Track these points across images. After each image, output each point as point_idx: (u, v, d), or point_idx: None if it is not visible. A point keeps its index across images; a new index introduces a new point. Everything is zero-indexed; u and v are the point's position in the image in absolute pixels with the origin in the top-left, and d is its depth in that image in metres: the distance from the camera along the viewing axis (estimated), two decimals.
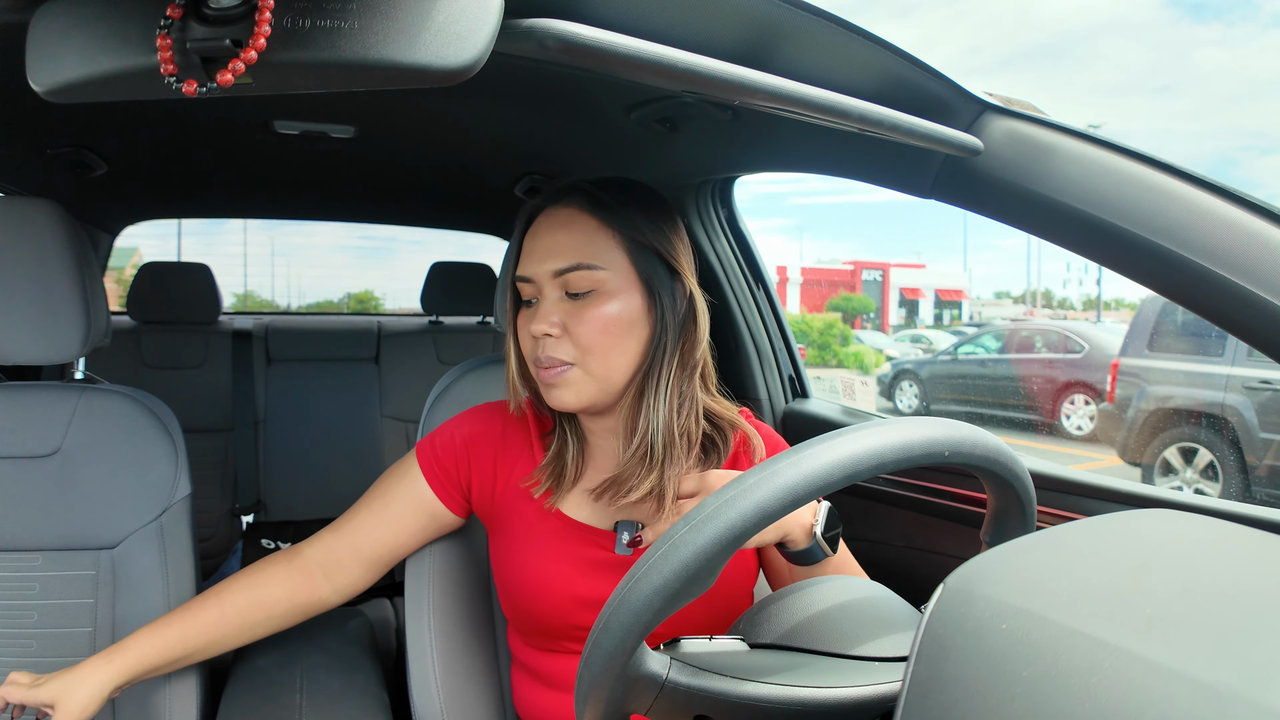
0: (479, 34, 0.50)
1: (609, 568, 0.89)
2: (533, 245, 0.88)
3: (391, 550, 0.96)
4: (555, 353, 0.85)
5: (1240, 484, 4.50)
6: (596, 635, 0.49)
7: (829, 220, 64.76)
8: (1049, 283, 32.88)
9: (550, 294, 0.86)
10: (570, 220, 0.86)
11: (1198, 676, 0.34)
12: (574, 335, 0.84)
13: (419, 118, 1.35)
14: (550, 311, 0.85)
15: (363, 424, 2.39)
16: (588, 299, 0.85)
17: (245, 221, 11.78)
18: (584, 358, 0.85)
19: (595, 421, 0.93)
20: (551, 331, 0.84)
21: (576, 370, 0.85)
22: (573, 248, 0.85)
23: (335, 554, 0.96)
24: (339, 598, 0.98)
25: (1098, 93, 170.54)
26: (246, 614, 0.93)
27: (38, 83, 0.50)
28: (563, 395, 0.86)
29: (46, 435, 1.05)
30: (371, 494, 0.97)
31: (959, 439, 0.53)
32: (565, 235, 0.86)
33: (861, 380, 1.94)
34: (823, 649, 0.55)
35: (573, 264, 0.84)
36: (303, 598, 0.95)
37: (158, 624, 0.91)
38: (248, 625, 0.94)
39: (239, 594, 0.94)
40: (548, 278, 0.85)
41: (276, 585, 0.95)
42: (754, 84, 0.67)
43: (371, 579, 0.98)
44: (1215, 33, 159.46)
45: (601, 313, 0.84)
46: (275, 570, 0.96)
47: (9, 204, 1.05)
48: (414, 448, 0.98)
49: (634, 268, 0.86)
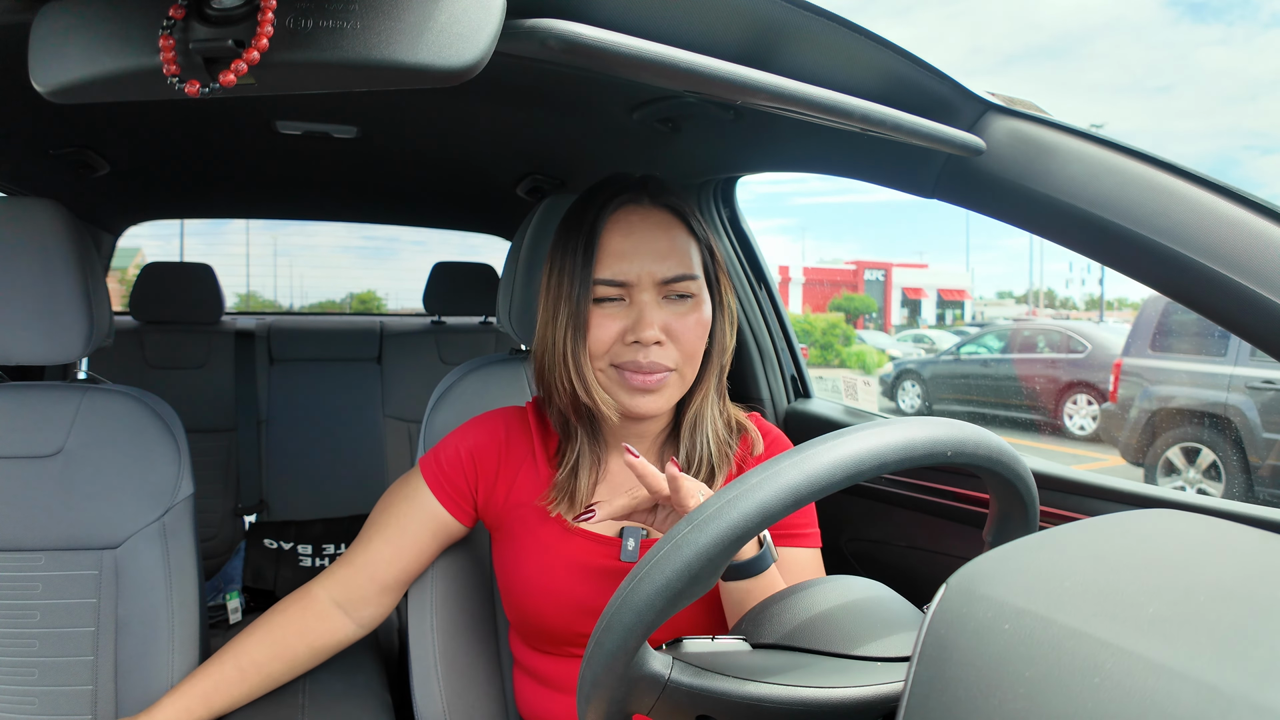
0: (481, 34, 0.51)
1: (614, 575, 0.88)
2: (629, 245, 0.84)
3: (409, 573, 0.96)
4: (662, 359, 0.84)
5: (1243, 484, 4.49)
6: (599, 635, 0.49)
7: (831, 220, 64.75)
8: (1052, 282, 32.88)
9: (650, 298, 0.84)
10: (668, 225, 0.86)
11: (1200, 677, 0.33)
12: (679, 342, 0.84)
13: (421, 118, 1.35)
14: (656, 318, 0.83)
15: (365, 424, 2.40)
16: (688, 305, 0.85)
17: (248, 222, 11.78)
18: (683, 364, 0.85)
19: (632, 427, 0.92)
20: (661, 338, 0.83)
21: (674, 376, 0.85)
22: (678, 254, 0.85)
23: (355, 590, 0.94)
24: (363, 631, 0.97)
25: (1098, 92, 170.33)
26: (266, 666, 0.93)
27: (40, 83, 0.50)
28: (656, 402, 0.85)
29: (49, 435, 1.05)
30: (382, 521, 0.95)
31: (962, 439, 0.53)
32: (668, 241, 0.85)
33: (864, 380, 1.94)
34: (825, 649, 0.55)
35: (681, 273, 0.84)
36: (323, 641, 0.95)
37: (180, 689, 0.92)
38: (270, 676, 0.94)
39: (255, 649, 0.93)
40: (651, 283, 0.84)
41: (294, 635, 0.94)
42: (756, 84, 0.67)
43: (394, 605, 0.98)
44: (1215, 32, 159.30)
45: (700, 318, 0.86)
46: (290, 618, 0.94)
47: (12, 204, 1.05)
48: (416, 465, 0.97)
49: (704, 275, 0.89)
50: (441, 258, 2.48)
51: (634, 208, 0.87)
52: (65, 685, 1.00)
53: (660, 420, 0.93)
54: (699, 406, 0.91)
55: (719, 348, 0.91)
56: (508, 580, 0.93)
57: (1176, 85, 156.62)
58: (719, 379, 0.93)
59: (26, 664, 0.99)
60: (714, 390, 0.92)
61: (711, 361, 0.91)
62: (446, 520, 0.94)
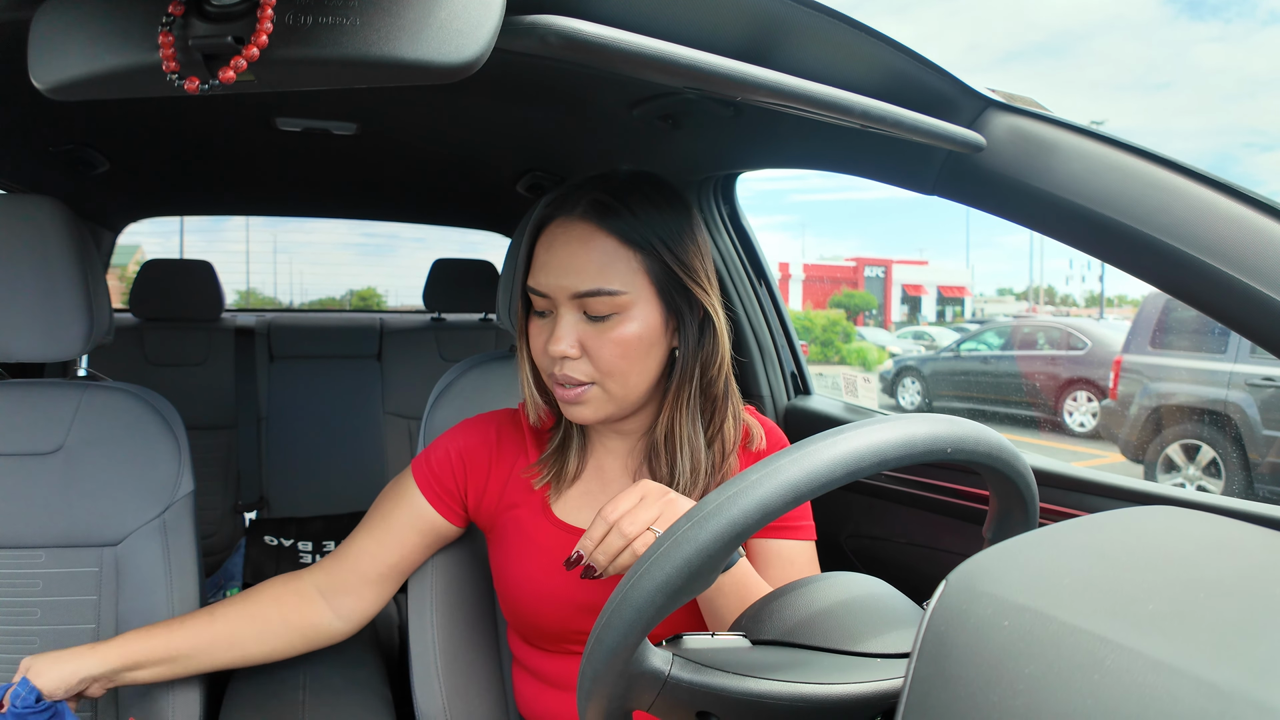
0: (481, 30, 0.50)
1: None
2: (547, 259, 0.83)
3: (395, 568, 0.96)
4: (574, 373, 0.82)
5: (1243, 481, 4.50)
6: (599, 632, 0.50)
7: (831, 217, 64.73)
8: (1052, 279, 32.84)
9: (568, 314, 0.82)
10: (588, 238, 0.81)
11: (1200, 674, 0.33)
12: (593, 357, 0.82)
13: (421, 114, 1.35)
14: (568, 332, 0.82)
15: (365, 421, 2.40)
16: (608, 322, 0.81)
17: (248, 219, 11.79)
18: (604, 379, 0.83)
19: (609, 426, 0.93)
20: (570, 352, 0.81)
21: (596, 389, 0.84)
22: (592, 270, 0.81)
23: (336, 577, 0.95)
24: (345, 624, 0.97)
25: (1098, 90, 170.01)
26: (235, 624, 0.94)
27: (39, 80, 0.50)
28: (582, 412, 0.85)
29: (49, 432, 1.05)
30: (370, 516, 0.97)
31: (961, 435, 0.53)
32: (584, 255, 0.81)
33: (864, 377, 1.94)
34: (825, 645, 0.55)
35: (593, 289, 0.80)
36: (297, 618, 0.95)
37: (147, 626, 0.93)
38: (238, 636, 0.94)
39: (230, 606, 0.95)
40: (565, 297, 0.82)
41: (269, 601, 0.95)
42: (757, 80, 0.66)
43: (379, 601, 0.97)
44: (1213, 30, 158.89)
45: (621, 335, 0.81)
46: (269, 587, 0.96)
47: (11, 201, 1.05)
48: (410, 465, 0.97)
49: (653, 285, 0.83)
50: (442, 254, 2.48)
51: (563, 220, 0.83)
52: None
53: (637, 422, 0.92)
54: (668, 425, 0.87)
55: (689, 364, 0.85)
56: (503, 580, 0.93)
57: (1175, 82, 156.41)
58: (698, 397, 0.87)
59: None
60: (689, 408, 0.87)
61: (680, 379, 0.86)
62: (435, 520, 0.94)
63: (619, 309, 0.81)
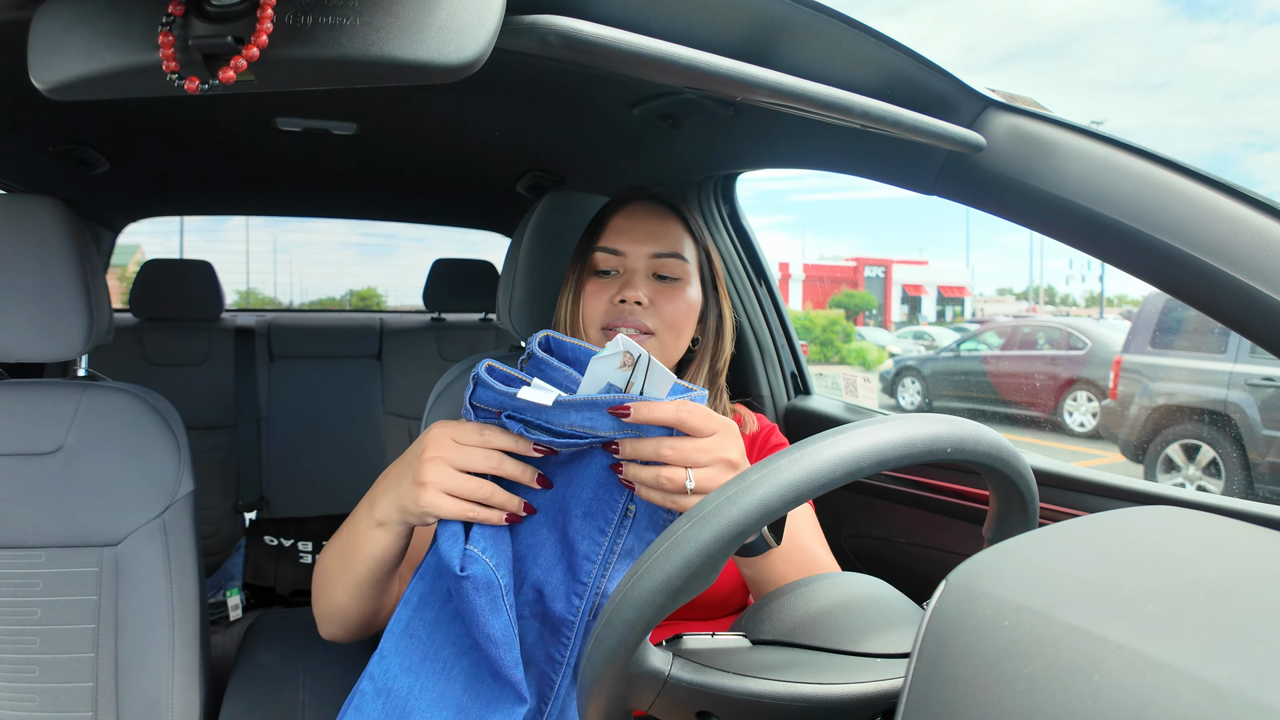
0: (481, 30, 0.50)
1: None
2: (628, 225, 0.97)
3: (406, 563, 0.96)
4: (643, 319, 0.92)
5: (1243, 481, 4.50)
6: (599, 631, 0.50)
7: (830, 217, 64.63)
8: (1051, 279, 32.80)
9: (642, 270, 0.95)
10: (666, 217, 0.99)
11: (1200, 674, 0.33)
12: (659, 310, 0.93)
13: (421, 115, 1.35)
14: (643, 282, 0.94)
15: (365, 421, 2.40)
16: (676, 283, 0.95)
17: (248, 219, 11.79)
18: (664, 331, 0.93)
19: None
20: (643, 300, 0.92)
21: (655, 341, 0.93)
22: (671, 237, 0.97)
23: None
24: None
25: (1096, 90, 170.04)
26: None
27: (40, 80, 0.50)
28: None
29: (49, 432, 1.05)
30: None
31: (961, 435, 0.53)
32: (664, 226, 0.97)
33: (864, 377, 1.94)
34: (825, 645, 0.55)
35: (672, 251, 0.96)
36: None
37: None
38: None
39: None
40: (644, 257, 0.95)
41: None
42: (756, 80, 0.66)
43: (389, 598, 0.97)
44: (1211, 29, 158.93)
45: (686, 296, 0.96)
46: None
47: (11, 201, 1.05)
48: None
49: (699, 274, 0.99)
50: (441, 254, 2.48)
51: (644, 200, 1.00)
52: (66, 682, 1.00)
53: None
54: None
55: (710, 344, 1.00)
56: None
57: (1173, 82, 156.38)
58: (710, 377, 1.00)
59: (27, 661, 1.00)
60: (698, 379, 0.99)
61: (701, 356, 0.99)
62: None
63: (683, 275, 0.96)
